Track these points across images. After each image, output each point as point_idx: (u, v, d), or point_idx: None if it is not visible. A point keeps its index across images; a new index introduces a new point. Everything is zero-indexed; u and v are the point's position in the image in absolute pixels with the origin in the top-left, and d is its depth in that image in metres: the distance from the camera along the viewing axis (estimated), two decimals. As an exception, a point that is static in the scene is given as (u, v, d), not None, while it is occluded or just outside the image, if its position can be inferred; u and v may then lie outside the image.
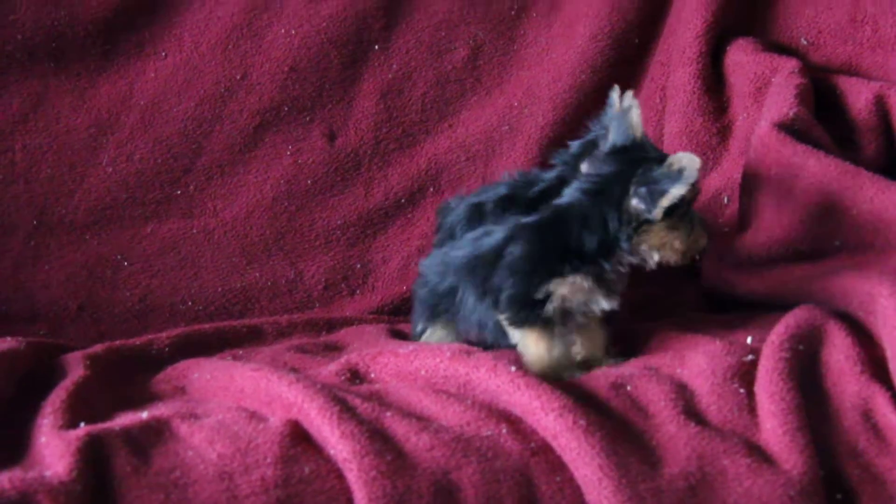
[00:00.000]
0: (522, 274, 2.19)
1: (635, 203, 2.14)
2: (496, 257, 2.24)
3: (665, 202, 2.10)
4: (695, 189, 2.15)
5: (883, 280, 2.16)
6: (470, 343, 2.29)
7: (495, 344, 2.27)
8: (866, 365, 1.99)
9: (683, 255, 2.21)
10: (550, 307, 2.18)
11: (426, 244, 3.06)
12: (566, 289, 2.18)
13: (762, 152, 2.57)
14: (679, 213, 2.16)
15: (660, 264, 2.23)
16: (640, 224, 2.15)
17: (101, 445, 1.74)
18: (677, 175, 2.10)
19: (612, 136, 2.27)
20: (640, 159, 2.19)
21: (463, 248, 2.34)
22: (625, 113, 2.28)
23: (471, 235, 2.36)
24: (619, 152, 2.24)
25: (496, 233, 2.28)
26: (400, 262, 3.09)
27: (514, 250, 2.21)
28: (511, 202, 2.51)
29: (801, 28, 2.94)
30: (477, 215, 2.52)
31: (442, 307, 2.36)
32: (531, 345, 2.19)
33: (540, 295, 2.18)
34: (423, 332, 2.41)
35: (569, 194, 2.24)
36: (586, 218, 2.18)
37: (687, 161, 2.10)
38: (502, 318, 2.22)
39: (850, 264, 2.32)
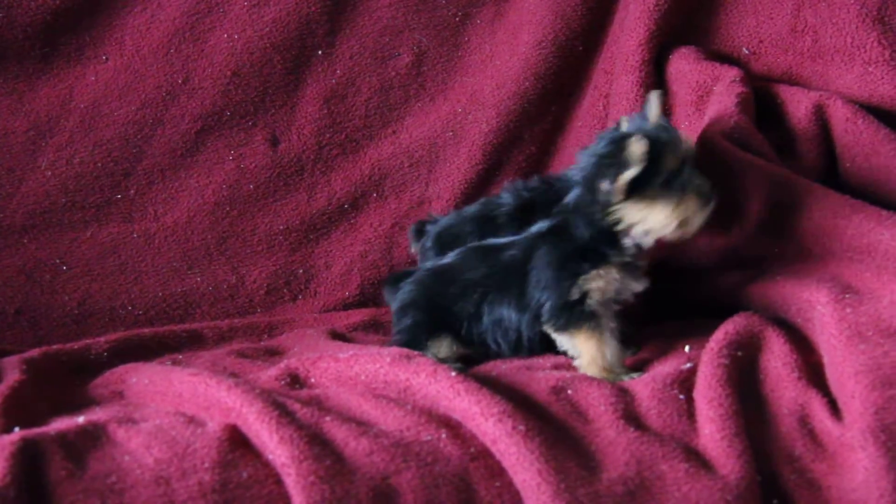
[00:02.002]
0: (554, 281, 2.22)
1: (603, 187, 2.17)
2: (522, 271, 2.28)
3: (621, 182, 2.12)
4: (659, 165, 2.16)
5: (821, 287, 2.18)
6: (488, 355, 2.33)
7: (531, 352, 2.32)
8: (803, 371, 2.02)
9: (679, 227, 2.21)
10: (591, 303, 2.21)
11: (369, 249, 3.07)
12: (600, 282, 2.22)
13: (703, 160, 2.58)
14: (651, 190, 2.18)
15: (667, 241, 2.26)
16: (608, 205, 2.18)
17: (36, 450, 1.72)
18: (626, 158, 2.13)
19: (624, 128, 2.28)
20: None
21: (477, 266, 2.36)
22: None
23: (479, 250, 2.39)
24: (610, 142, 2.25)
25: (513, 247, 2.32)
26: (343, 268, 3.08)
27: (538, 262, 2.25)
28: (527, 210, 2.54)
29: (742, 38, 2.96)
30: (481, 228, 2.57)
31: (446, 322, 2.37)
32: (582, 346, 2.21)
33: (575, 296, 2.21)
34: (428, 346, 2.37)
35: (570, 195, 2.28)
36: (580, 211, 2.22)
37: (632, 145, 2.11)
38: (548, 327, 2.25)
39: (788, 272, 2.34)
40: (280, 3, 3.09)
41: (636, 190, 2.14)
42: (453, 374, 1.96)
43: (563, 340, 2.25)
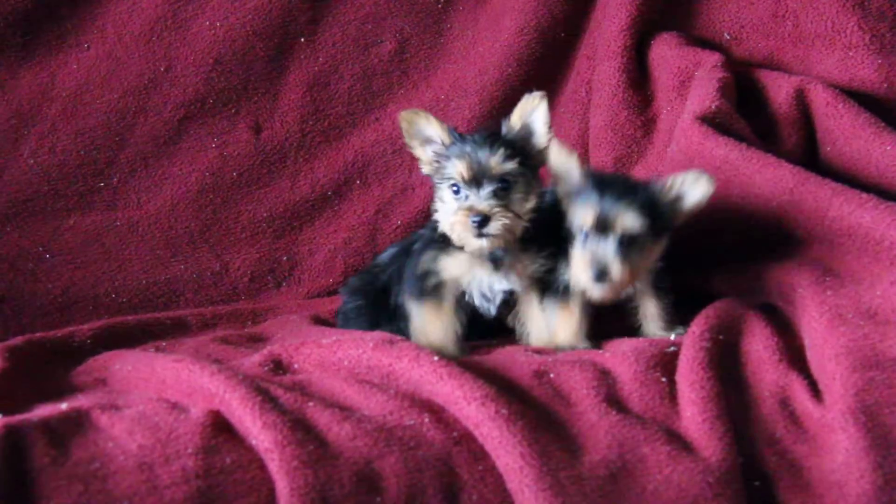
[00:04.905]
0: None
1: None
2: None
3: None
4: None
5: (802, 270, 2.19)
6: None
7: None
8: (784, 354, 2.03)
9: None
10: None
11: (353, 236, 3.08)
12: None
13: (685, 145, 2.59)
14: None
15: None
16: None
17: (19, 436, 1.72)
18: None
19: None
20: None
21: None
22: None
23: None
24: None
25: None
26: (326, 255, 3.09)
27: None
28: None
29: (724, 23, 2.97)
30: None
31: None
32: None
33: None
34: None
35: None
36: None
37: None
38: None
39: (769, 255, 2.35)
40: (262, -10, 3.09)
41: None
42: (436, 358, 1.96)
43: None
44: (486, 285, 2.34)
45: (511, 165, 2.24)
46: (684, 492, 1.80)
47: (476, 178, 2.23)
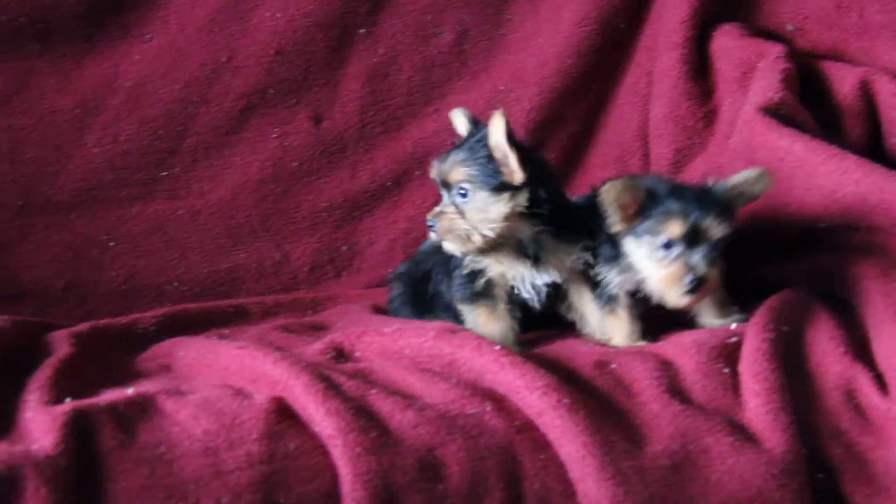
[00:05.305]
0: None
1: None
2: None
3: None
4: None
5: (867, 263, 2.17)
6: None
7: None
8: (849, 346, 2.01)
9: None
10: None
11: (412, 227, 3.08)
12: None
13: (747, 136, 2.58)
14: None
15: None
16: None
17: (87, 420, 1.74)
18: None
19: None
20: None
21: None
22: None
23: None
24: None
25: None
26: (386, 245, 3.10)
27: None
28: None
29: (787, 14, 2.94)
30: None
31: None
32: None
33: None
34: None
35: None
36: None
37: None
38: None
39: (835, 246, 2.33)
40: (323, -19, 3.10)
41: None
42: (497, 347, 1.96)
43: None
44: (528, 280, 2.33)
45: None
46: (747, 483, 1.79)
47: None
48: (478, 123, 2.33)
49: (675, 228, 2.13)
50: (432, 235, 2.27)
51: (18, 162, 2.93)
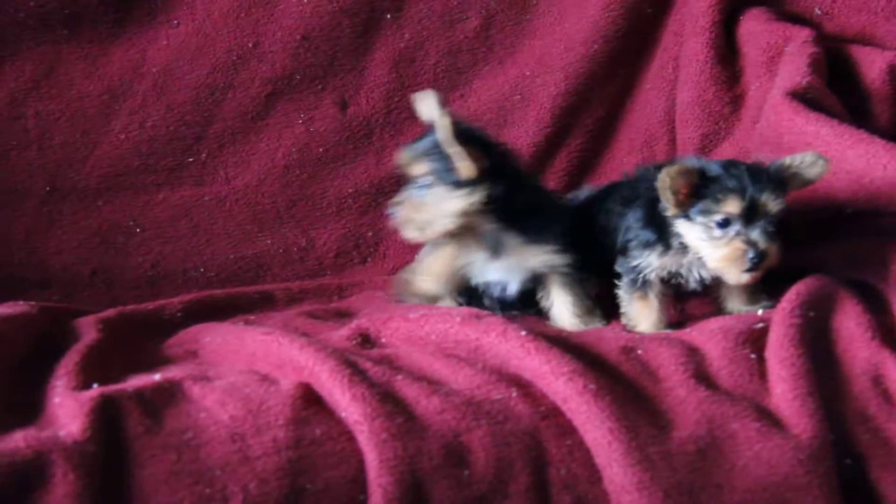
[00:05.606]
0: None
1: None
2: None
3: None
4: None
5: (895, 248, 2.16)
6: None
7: None
8: (877, 331, 2.00)
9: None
10: None
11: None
12: None
13: (775, 121, 2.56)
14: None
15: None
16: None
17: (115, 406, 1.75)
18: None
19: None
20: None
21: None
22: None
23: None
24: None
25: None
26: (412, 231, 3.09)
27: None
28: None
29: (814, -2, 2.93)
30: None
31: None
32: None
33: None
34: None
35: None
36: None
37: None
38: None
39: (862, 231, 2.31)
40: (348, -33, 3.10)
41: None
42: (523, 333, 1.96)
43: None
44: (482, 272, 2.37)
45: None
46: (774, 469, 1.79)
47: None
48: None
49: (732, 205, 2.13)
50: (392, 222, 2.32)
51: (46, 148, 2.94)
